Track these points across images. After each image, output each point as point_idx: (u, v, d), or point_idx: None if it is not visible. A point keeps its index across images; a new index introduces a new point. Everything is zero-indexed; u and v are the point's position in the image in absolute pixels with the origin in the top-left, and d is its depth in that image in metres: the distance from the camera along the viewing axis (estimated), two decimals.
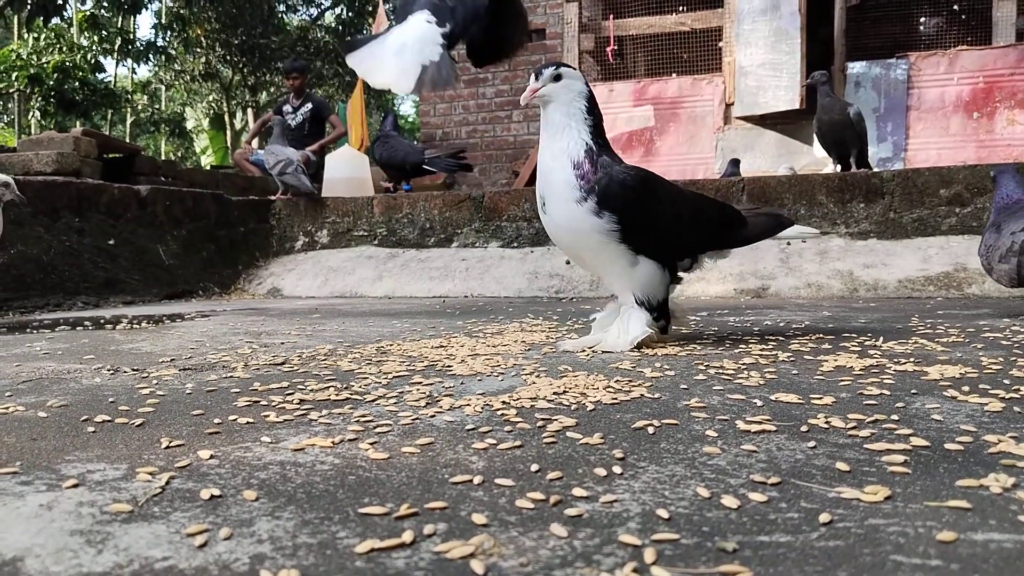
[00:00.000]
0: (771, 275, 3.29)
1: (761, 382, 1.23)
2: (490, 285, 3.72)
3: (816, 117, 4.14)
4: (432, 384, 1.28)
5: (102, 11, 13.75)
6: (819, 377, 1.27)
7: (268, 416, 1.06)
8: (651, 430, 0.93)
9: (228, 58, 14.45)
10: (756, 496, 0.68)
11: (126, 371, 1.49)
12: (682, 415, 1.01)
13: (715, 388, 1.19)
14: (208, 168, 11.17)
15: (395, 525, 0.64)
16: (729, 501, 0.67)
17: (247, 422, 1.03)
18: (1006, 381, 1.19)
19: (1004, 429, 0.89)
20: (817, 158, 5.09)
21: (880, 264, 3.24)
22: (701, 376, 1.30)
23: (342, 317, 2.63)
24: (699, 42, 5.83)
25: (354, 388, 1.25)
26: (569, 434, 0.92)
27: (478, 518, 0.64)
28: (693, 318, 2.23)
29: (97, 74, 13.15)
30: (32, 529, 0.64)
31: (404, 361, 1.54)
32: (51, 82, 11.70)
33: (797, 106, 5.18)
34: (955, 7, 5.94)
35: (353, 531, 0.62)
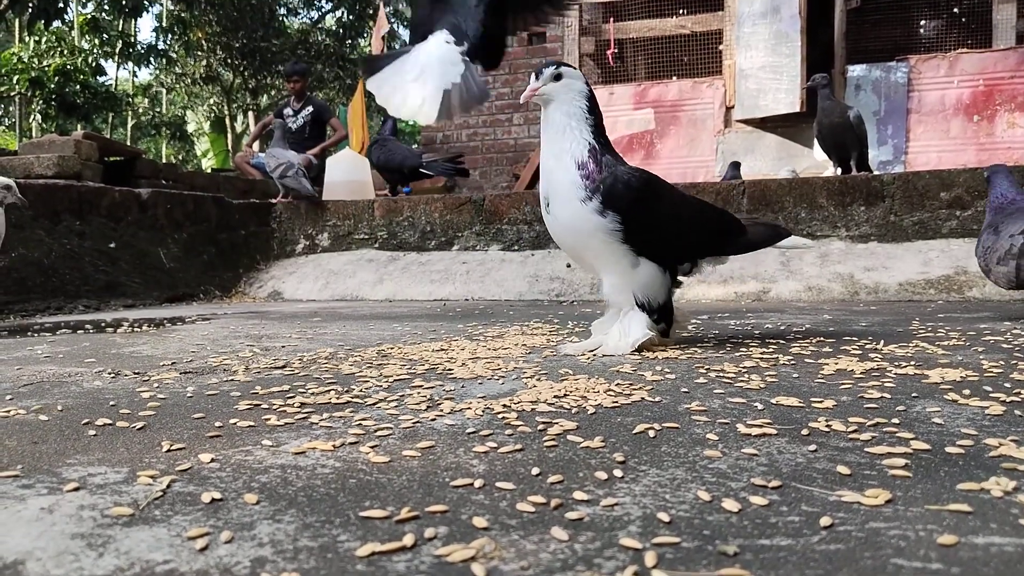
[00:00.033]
0: (772, 278, 3.29)
1: (762, 385, 1.23)
2: (491, 288, 3.72)
3: (816, 120, 4.14)
4: (433, 387, 1.28)
5: (103, 14, 13.79)
6: (820, 380, 1.27)
7: (269, 419, 1.06)
8: (652, 433, 0.93)
9: (229, 61, 14.48)
10: (757, 499, 0.68)
11: (127, 374, 1.49)
12: (683, 418, 1.01)
13: (716, 391, 1.19)
14: (209, 171, 11.18)
15: (396, 528, 0.64)
16: (730, 504, 0.67)
17: (248, 425, 1.03)
18: (1007, 384, 1.19)
19: (1005, 432, 0.89)
20: (817, 161, 5.09)
21: (881, 267, 3.24)
22: (702, 379, 1.30)
23: (343, 320, 2.63)
24: (699, 45, 5.84)
25: (355, 391, 1.25)
26: (570, 437, 0.92)
27: (479, 521, 0.64)
28: (694, 321, 2.23)
29: (98, 77, 13.18)
30: (33, 532, 0.64)
31: (405, 364, 1.54)
32: (52, 85, 11.73)
33: (797, 109, 5.19)
34: (955, 10, 5.95)
35: (354, 534, 0.62)
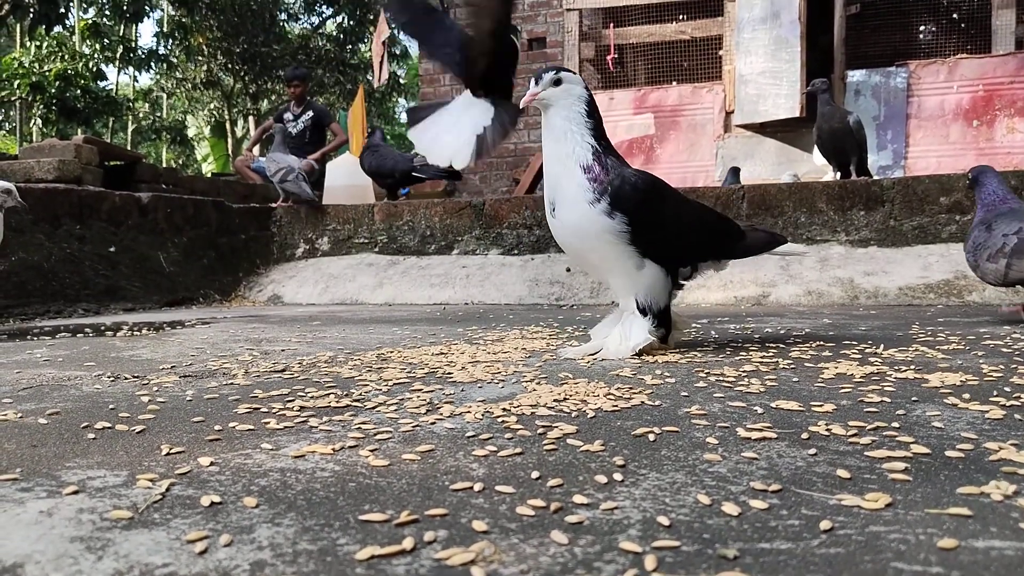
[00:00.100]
0: (771, 282, 3.29)
1: (762, 389, 1.23)
2: (491, 292, 3.72)
3: (816, 125, 4.14)
4: (432, 391, 1.28)
5: (104, 19, 13.82)
6: (820, 384, 1.27)
7: (268, 423, 1.06)
8: (652, 437, 0.93)
9: (229, 66, 14.51)
10: (757, 503, 0.68)
11: (126, 378, 1.49)
12: (683, 422, 1.01)
13: (716, 395, 1.19)
14: (209, 175, 11.20)
15: (395, 532, 0.64)
16: (730, 508, 0.67)
17: (247, 429, 1.03)
18: (1007, 388, 1.19)
19: (1005, 436, 0.89)
20: (817, 166, 5.10)
21: (880, 272, 3.24)
22: (702, 383, 1.30)
23: (342, 324, 2.63)
24: (699, 50, 5.85)
25: (354, 395, 1.25)
26: (570, 441, 0.92)
27: (479, 525, 0.64)
28: (694, 325, 2.23)
29: (99, 82, 13.18)
30: (32, 535, 0.64)
31: (404, 368, 1.54)
32: (53, 90, 11.74)
33: (797, 114, 5.19)
34: (954, 15, 5.97)
35: (353, 538, 0.62)
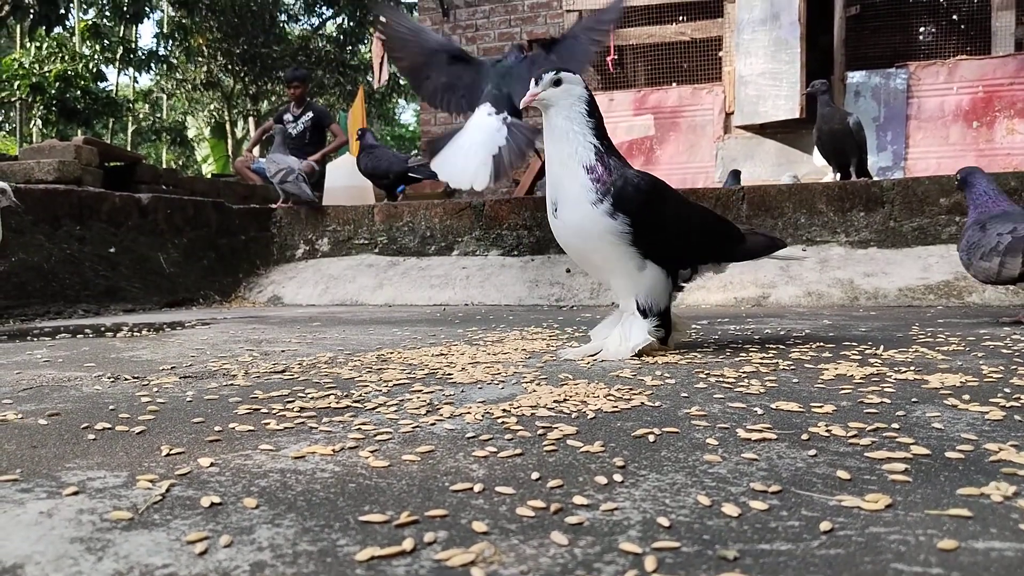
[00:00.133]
0: (771, 284, 3.29)
1: (762, 390, 1.23)
2: (491, 293, 3.72)
3: (816, 126, 4.14)
4: (432, 392, 1.28)
5: (104, 20, 13.82)
6: (820, 385, 1.27)
7: (268, 424, 1.06)
8: (652, 438, 0.93)
9: (229, 67, 14.51)
10: (757, 504, 0.68)
11: (126, 379, 1.49)
12: (683, 423, 1.01)
13: (716, 396, 1.19)
14: (209, 176, 11.20)
15: (395, 533, 0.64)
16: (730, 509, 0.67)
17: (247, 430, 1.03)
18: (1007, 390, 1.19)
19: (1005, 438, 0.89)
20: (817, 167, 5.10)
21: (880, 273, 3.24)
22: (702, 384, 1.30)
23: (342, 325, 2.63)
24: (699, 52, 5.85)
25: (354, 396, 1.25)
26: (570, 442, 0.92)
27: (479, 526, 0.64)
28: (694, 326, 2.23)
29: (99, 83, 13.19)
30: (32, 536, 0.64)
31: (404, 369, 1.54)
32: (53, 91, 11.74)
33: (797, 115, 5.19)
34: (954, 17, 5.97)
35: (353, 539, 0.62)
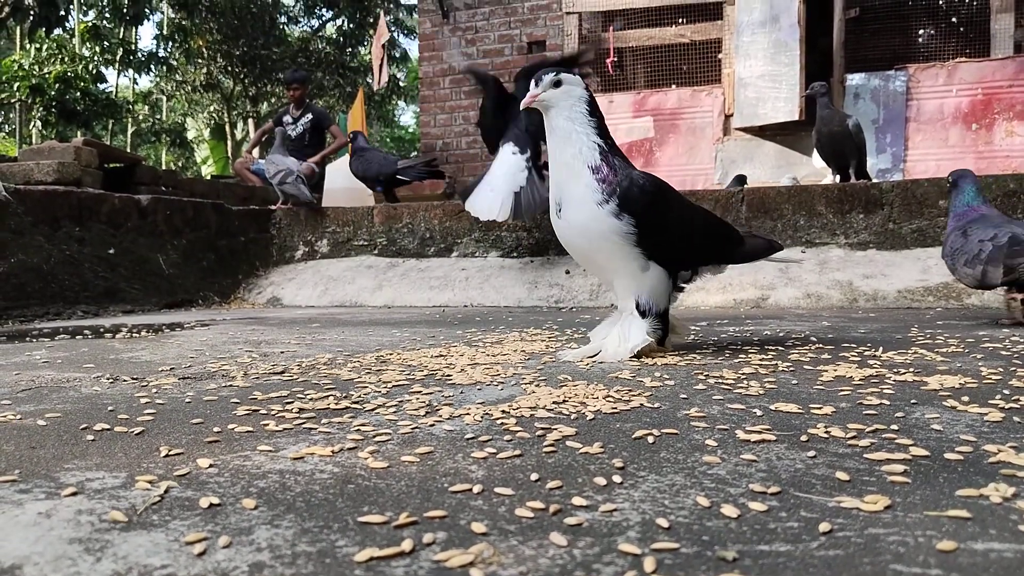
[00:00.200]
0: (771, 285, 3.29)
1: (761, 392, 1.23)
2: (490, 294, 3.72)
3: (815, 128, 4.15)
4: (432, 393, 1.28)
5: (104, 22, 13.82)
6: (819, 387, 1.27)
7: (267, 425, 1.06)
8: (651, 439, 0.93)
9: (229, 69, 14.51)
10: (756, 505, 0.68)
11: (125, 380, 1.49)
12: (682, 424, 1.01)
13: (715, 398, 1.19)
14: (209, 178, 11.20)
15: (394, 534, 0.64)
16: (729, 510, 0.67)
17: (246, 431, 1.03)
18: (1006, 391, 1.19)
19: (1004, 439, 0.89)
20: (816, 169, 5.11)
21: (879, 274, 3.24)
22: (701, 386, 1.30)
23: (342, 326, 2.63)
24: (698, 54, 5.86)
25: (354, 397, 1.25)
26: (569, 443, 0.92)
27: (478, 527, 0.64)
28: (693, 328, 2.23)
29: (98, 84, 13.19)
30: (31, 537, 0.64)
31: (404, 370, 1.54)
32: (52, 92, 11.74)
33: (796, 117, 5.20)
34: (953, 19, 5.98)
35: (352, 540, 0.62)
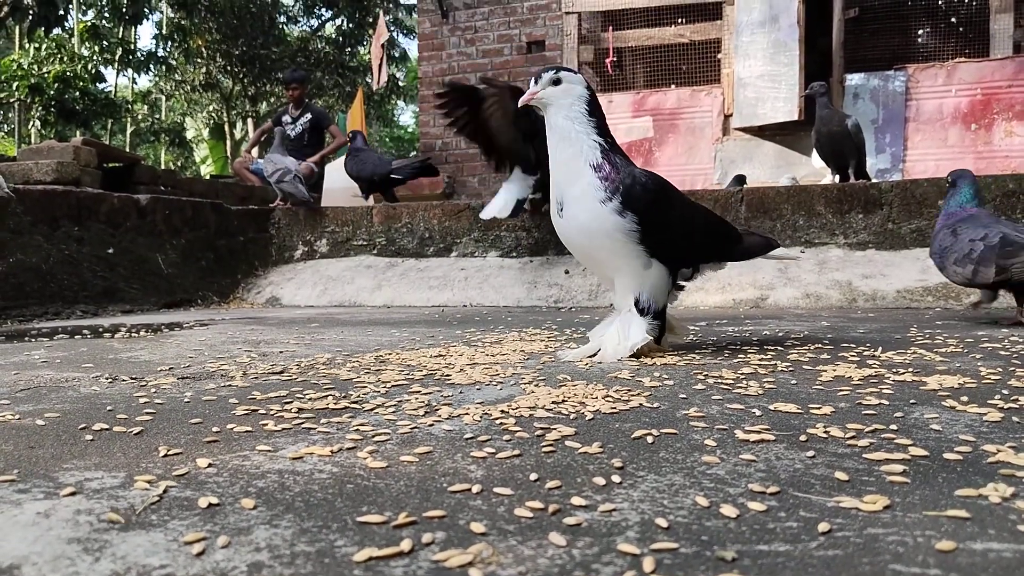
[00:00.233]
0: (770, 285, 3.29)
1: (760, 392, 1.23)
2: (489, 294, 3.72)
3: (814, 128, 4.15)
4: (431, 393, 1.28)
5: (103, 22, 13.82)
6: (818, 387, 1.27)
7: (266, 425, 1.05)
8: (650, 439, 0.93)
9: (228, 68, 14.51)
10: (755, 505, 0.68)
11: (124, 379, 1.49)
12: (681, 424, 1.01)
13: (714, 398, 1.19)
14: (208, 178, 11.20)
15: (393, 534, 0.63)
16: (728, 510, 0.67)
17: (245, 431, 1.03)
18: (1005, 391, 1.19)
19: (1003, 439, 0.89)
20: (815, 169, 5.11)
21: (879, 274, 3.24)
22: (700, 386, 1.30)
23: (341, 326, 2.63)
24: (698, 54, 5.86)
25: (353, 397, 1.25)
26: (568, 443, 0.92)
27: (477, 527, 0.64)
28: (692, 328, 2.23)
29: (98, 84, 13.18)
30: (29, 537, 0.64)
31: (403, 370, 1.54)
32: (52, 92, 11.73)
33: (795, 117, 5.20)
34: (953, 19, 5.98)
35: (351, 540, 0.62)
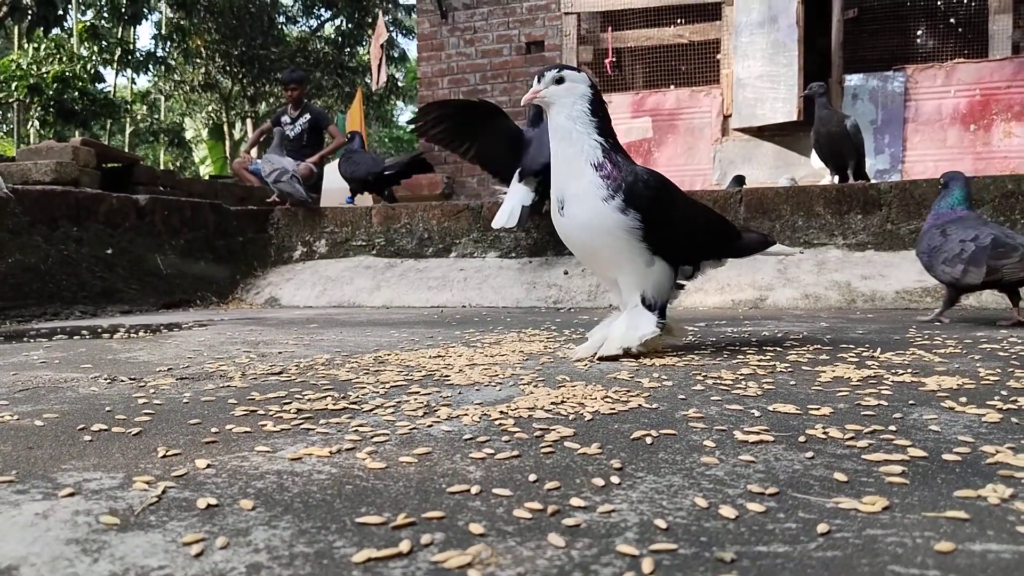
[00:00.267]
0: (769, 286, 3.29)
1: (759, 392, 1.23)
2: (488, 295, 3.72)
3: (814, 129, 4.15)
4: (430, 394, 1.28)
5: (102, 22, 13.81)
6: (817, 388, 1.27)
7: (265, 425, 1.05)
8: (649, 440, 0.93)
9: (228, 69, 14.51)
10: (754, 506, 0.68)
11: (123, 380, 1.49)
12: (680, 425, 1.01)
13: (713, 398, 1.19)
14: (207, 178, 11.20)
15: (392, 535, 0.63)
16: (727, 511, 0.67)
17: (244, 431, 1.03)
18: (1004, 392, 1.19)
19: (1002, 440, 0.89)
20: (814, 169, 5.11)
21: (878, 275, 3.24)
22: (699, 386, 1.30)
23: (340, 327, 2.63)
24: (697, 54, 5.86)
25: (352, 398, 1.25)
26: (567, 444, 0.92)
27: (475, 528, 0.64)
28: (691, 329, 2.23)
29: (97, 84, 13.18)
30: (28, 538, 0.64)
31: (402, 371, 1.54)
32: (51, 92, 11.73)
33: (794, 118, 5.20)
34: (952, 20, 5.99)
35: (350, 540, 0.62)
